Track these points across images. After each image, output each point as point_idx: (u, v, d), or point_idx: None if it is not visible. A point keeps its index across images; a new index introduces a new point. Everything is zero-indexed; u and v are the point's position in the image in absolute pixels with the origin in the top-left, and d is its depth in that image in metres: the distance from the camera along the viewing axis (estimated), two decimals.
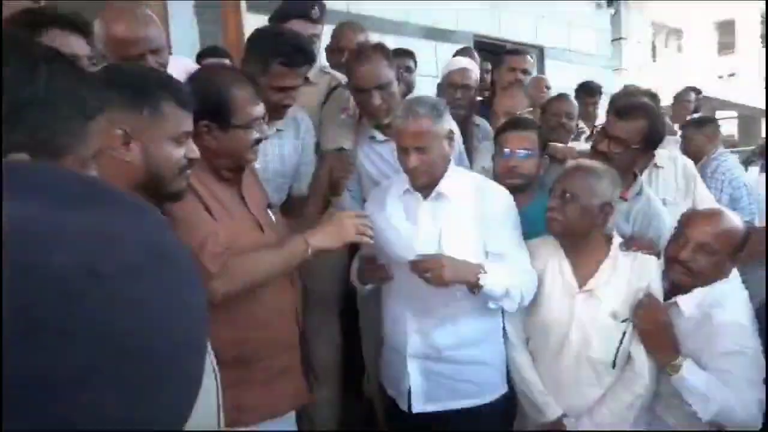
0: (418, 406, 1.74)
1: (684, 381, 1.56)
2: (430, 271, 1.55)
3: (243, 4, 3.63)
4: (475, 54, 3.48)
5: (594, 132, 3.02)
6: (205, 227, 1.42)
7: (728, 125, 12.45)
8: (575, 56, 6.24)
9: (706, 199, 2.39)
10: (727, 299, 1.61)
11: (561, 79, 4.59)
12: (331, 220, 1.60)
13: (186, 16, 3.48)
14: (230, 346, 1.42)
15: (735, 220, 1.68)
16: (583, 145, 2.45)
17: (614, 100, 2.73)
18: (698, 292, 1.65)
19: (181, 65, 2.10)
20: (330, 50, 2.80)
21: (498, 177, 1.94)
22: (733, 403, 1.52)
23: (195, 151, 1.22)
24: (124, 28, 1.74)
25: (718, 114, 13.20)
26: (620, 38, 8.80)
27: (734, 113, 12.68)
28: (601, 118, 3.41)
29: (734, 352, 1.54)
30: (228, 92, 1.46)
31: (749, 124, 12.30)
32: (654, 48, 11.05)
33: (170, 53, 2.05)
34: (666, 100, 5.23)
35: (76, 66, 0.82)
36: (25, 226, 0.31)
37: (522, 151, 1.94)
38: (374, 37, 2.99)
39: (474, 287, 1.60)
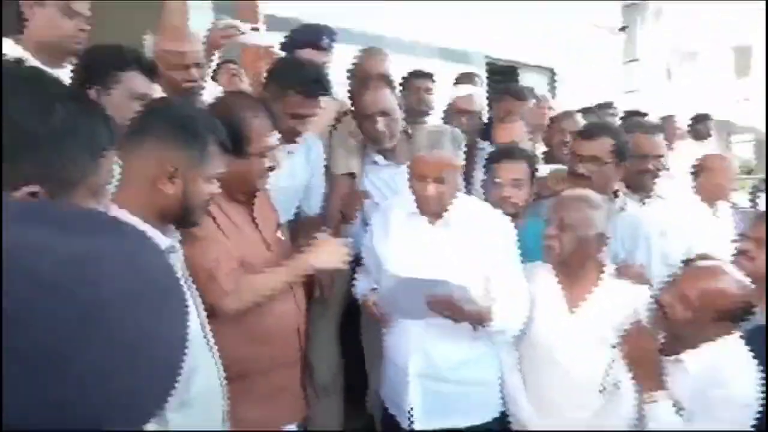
0: (420, 425, 1.79)
1: (653, 413, 1.61)
2: (448, 312, 1.63)
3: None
4: (476, 78, 3.52)
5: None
6: (220, 247, 1.52)
7: (745, 149, 12.35)
8: (586, 78, 6.31)
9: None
10: (738, 368, 1.54)
11: (572, 101, 4.65)
12: (323, 242, 1.70)
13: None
14: (234, 361, 1.49)
15: (734, 284, 1.53)
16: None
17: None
18: (705, 352, 1.57)
19: (208, 89, 2.25)
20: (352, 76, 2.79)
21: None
22: None
23: (218, 188, 1.32)
24: (174, 43, 2.00)
25: (735, 138, 13.11)
26: (634, 60, 8.81)
27: (751, 137, 12.61)
28: None
29: (726, 421, 1.50)
30: (246, 122, 1.55)
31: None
32: (669, 71, 11.02)
33: None
34: (682, 123, 5.23)
35: (91, 104, 0.89)
36: (30, 246, 0.44)
37: (513, 180, 2.02)
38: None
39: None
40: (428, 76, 2.94)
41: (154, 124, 1.24)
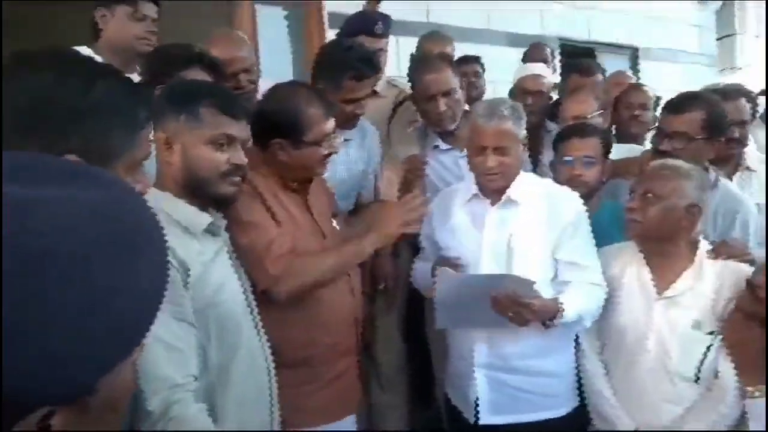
0: (486, 418, 1.69)
1: (757, 410, 1.40)
2: (513, 313, 1.51)
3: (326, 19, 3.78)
4: (547, 50, 3.33)
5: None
6: (269, 232, 1.50)
7: None
8: (674, 56, 5.83)
9: None
10: None
11: (659, 81, 4.31)
12: (375, 219, 1.63)
13: (276, 33, 3.69)
14: (297, 347, 1.50)
15: None
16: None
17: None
18: None
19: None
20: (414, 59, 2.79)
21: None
22: None
23: (241, 158, 1.28)
24: (221, 51, 1.98)
25: None
26: (732, 34, 8.10)
27: None
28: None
29: None
30: (300, 111, 1.53)
31: None
32: None
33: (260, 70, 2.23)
34: None
35: (130, 81, 0.91)
36: None
37: (584, 158, 1.87)
38: (456, 47, 3.00)
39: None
40: (475, 59, 2.91)
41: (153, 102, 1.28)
